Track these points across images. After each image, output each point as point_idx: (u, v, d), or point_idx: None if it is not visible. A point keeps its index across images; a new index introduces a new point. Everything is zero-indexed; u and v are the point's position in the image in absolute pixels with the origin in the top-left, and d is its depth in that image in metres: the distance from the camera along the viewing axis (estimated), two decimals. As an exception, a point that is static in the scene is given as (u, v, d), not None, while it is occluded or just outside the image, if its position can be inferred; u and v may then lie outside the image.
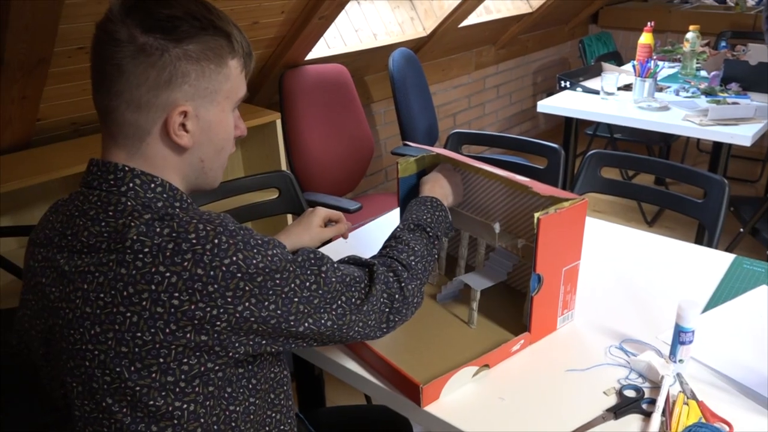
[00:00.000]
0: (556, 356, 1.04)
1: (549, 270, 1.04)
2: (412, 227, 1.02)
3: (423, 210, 1.05)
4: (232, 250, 0.73)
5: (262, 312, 0.76)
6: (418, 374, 0.97)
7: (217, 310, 0.73)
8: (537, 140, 1.99)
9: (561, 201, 1.03)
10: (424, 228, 1.02)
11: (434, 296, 1.21)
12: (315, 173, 2.36)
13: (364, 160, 2.57)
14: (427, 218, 1.04)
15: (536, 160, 1.98)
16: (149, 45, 0.74)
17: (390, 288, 0.90)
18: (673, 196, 1.69)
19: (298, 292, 0.79)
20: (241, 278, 0.73)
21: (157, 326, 0.72)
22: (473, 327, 1.12)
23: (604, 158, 1.81)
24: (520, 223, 1.19)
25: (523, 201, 1.17)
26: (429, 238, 1.01)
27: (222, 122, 0.82)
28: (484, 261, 1.20)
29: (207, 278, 0.72)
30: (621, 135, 3.15)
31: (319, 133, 2.40)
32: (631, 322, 1.12)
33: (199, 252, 0.72)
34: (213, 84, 0.78)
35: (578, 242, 1.08)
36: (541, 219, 0.98)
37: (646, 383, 0.97)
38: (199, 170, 0.83)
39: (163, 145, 0.78)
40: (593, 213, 3.30)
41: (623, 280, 1.27)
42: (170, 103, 0.76)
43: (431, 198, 1.08)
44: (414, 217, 1.04)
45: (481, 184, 1.25)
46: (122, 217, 0.75)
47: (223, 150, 0.84)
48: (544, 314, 1.08)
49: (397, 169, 1.24)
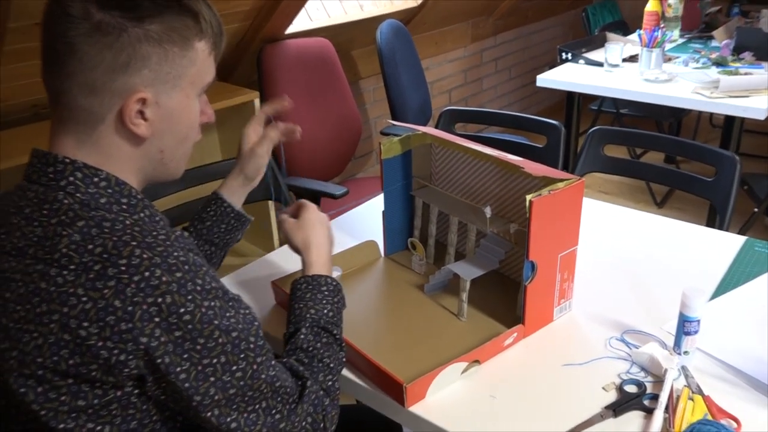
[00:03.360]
0: (552, 350, 1.03)
1: (543, 257, 1.03)
2: (317, 331, 0.92)
3: (321, 300, 0.95)
4: (161, 289, 0.69)
5: (170, 368, 0.70)
6: (403, 372, 0.96)
7: (125, 356, 0.69)
8: (535, 117, 1.97)
9: (555, 181, 1.02)
10: (331, 331, 0.93)
11: (421, 287, 1.21)
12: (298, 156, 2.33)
13: (351, 141, 2.54)
14: (329, 313, 0.94)
15: (537, 139, 1.96)
16: (106, 23, 0.71)
17: (317, 413, 0.83)
18: (682, 175, 1.68)
19: (218, 373, 0.73)
20: (158, 324, 0.69)
21: (61, 354, 0.68)
22: (463, 320, 1.11)
23: (607, 135, 1.79)
24: (512, 207, 1.17)
25: (515, 183, 1.16)
26: (336, 342, 0.93)
27: (186, 110, 0.79)
28: (474, 248, 1.19)
29: (122, 313, 0.68)
30: (628, 110, 3.12)
31: (302, 113, 2.37)
32: (634, 311, 1.11)
33: (123, 281, 0.68)
34: (176, 68, 0.76)
35: (575, 226, 1.07)
36: (534, 201, 0.97)
37: (648, 377, 0.96)
38: (158, 162, 0.81)
39: (117, 134, 0.76)
40: (599, 194, 3.28)
41: (626, 266, 1.26)
42: (127, 89, 0.74)
43: (326, 279, 0.97)
44: (314, 315, 0.93)
45: (471, 165, 1.24)
46: (56, 216, 0.72)
47: (187, 139, 0.82)
48: (539, 305, 1.07)
49: (380, 150, 1.22)
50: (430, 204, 1.27)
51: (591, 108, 3.27)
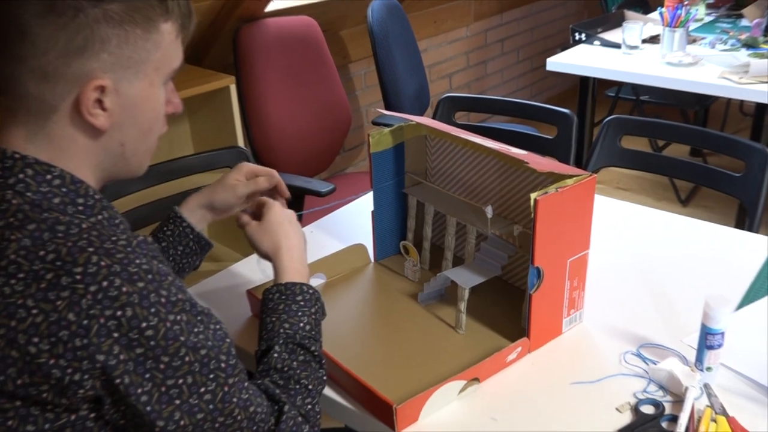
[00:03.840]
0: (561, 366, 1.04)
1: (551, 262, 1.03)
2: (293, 348, 0.91)
3: (296, 312, 0.93)
4: (121, 301, 0.69)
5: (130, 389, 0.70)
6: (394, 392, 0.96)
7: (80, 375, 0.68)
8: (545, 105, 1.98)
9: (563, 178, 1.02)
10: (308, 348, 0.91)
11: (415, 296, 1.21)
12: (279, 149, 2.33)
13: (339, 132, 2.55)
14: (306, 327, 0.93)
15: (547, 130, 1.97)
16: (60, 2, 0.71)
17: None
18: (708, 170, 1.69)
19: (184, 395, 0.73)
20: (117, 340, 0.69)
21: (8, 374, 0.68)
22: (461, 332, 1.11)
23: (624, 125, 1.80)
24: (516, 206, 1.18)
25: (520, 179, 1.16)
26: (315, 359, 0.92)
27: (150, 98, 0.80)
28: (474, 253, 1.19)
29: (77, 328, 0.67)
30: (648, 97, 3.13)
31: (284, 101, 2.37)
32: (652, 323, 1.12)
33: (79, 292, 0.68)
34: (139, 52, 0.76)
35: (586, 227, 1.07)
36: (539, 200, 0.97)
37: (667, 397, 0.97)
38: (118, 156, 0.81)
39: (72, 125, 0.76)
40: (616, 191, 3.30)
41: (643, 272, 1.27)
42: (84, 75, 0.74)
43: (301, 287, 0.96)
44: (289, 329, 0.92)
45: (471, 159, 1.24)
46: (3, 219, 0.72)
47: (151, 131, 0.82)
48: (546, 315, 1.07)
49: (368, 142, 1.22)
50: (425, 203, 1.27)
51: (607, 95, 3.27)
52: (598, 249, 1.19)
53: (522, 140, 1.97)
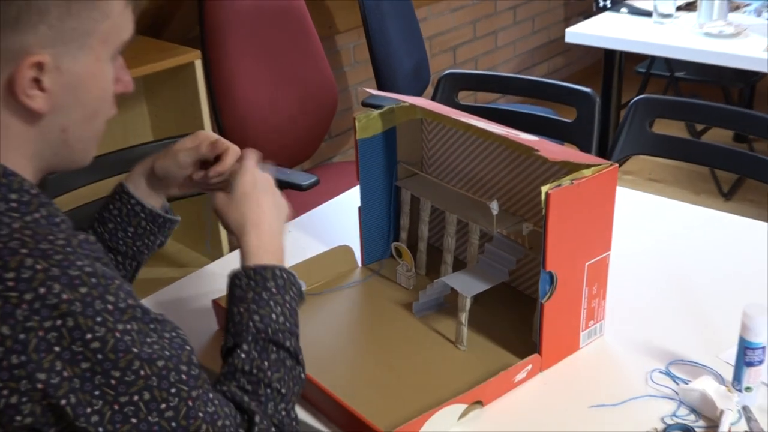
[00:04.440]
0: (578, 387, 1.04)
1: (566, 266, 1.03)
2: (264, 345, 0.89)
3: (267, 302, 0.91)
4: (61, 309, 0.69)
5: (77, 411, 0.70)
6: (384, 419, 0.95)
7: (17, 398, 0.68)
8: (563, 83, 1.98)
9: (580, 168, 1.02)
10: (282, 344, 0.89)
11: (409, 306, 1.21)
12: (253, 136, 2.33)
13: (324, 115, 2.54)
14: (279, 319, 0.91)
15: (566, 112, 1.97)
16: None
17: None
18: (754, 159, 1.69)
19: (141, 413, 0.73)
20: (59, 355, 0.69)
21: None
22: (462, 348, 1.11)
23: (656, 106, 1.81)
24: (526, 201, 1.18)
25: (529, 170, 1.16)
26: (291, 356, 0.90)
27: (96, 76, 0.80)
28: (477, 255, 1.19)
29: (12, 343, 0.67)
30: (685, 73, 3.14)
31: (259, 79, 2.36)
32: (683, 336, 1.12)
33: (12, 302, 0.68)
34: (84, 23, 0.76)
35: (607, 226, 1.07)
36: (551, 194, 0.97)
37: (699, 421, 0.96)
38: (60, 144, 0.81)
39: (6, 109, 0.76)
40: (648, 183, 3.30)
41: (675, 277, 1.27)
42: (18, 51, 0.74)
43: (273, 271, 0.93)
44: (259, 323, 0.90)
45: (473, 147, 1.24)
46: None
47: (97, 114, 0.83)
48: (561, 328, 1.07)
49: (354, 127, 1.22)
50: (421, 198, 1.27)
51: (637, 71, 3.27)
52: (622, 250, 1.18)
53: (537, 124, 1.97)
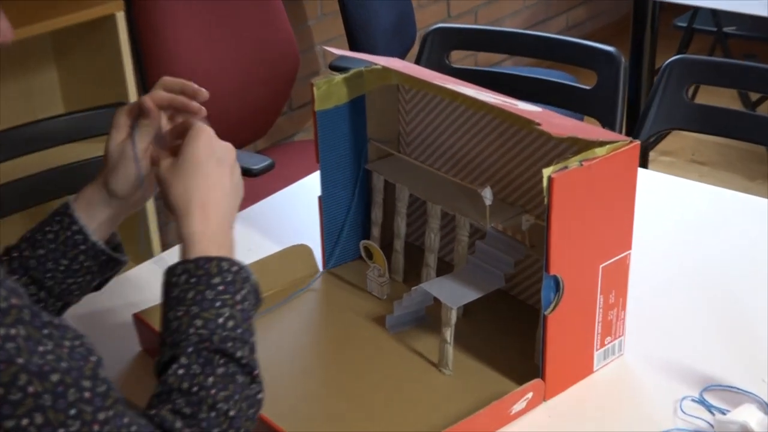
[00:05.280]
0: (591, 419, 1.03)
1: (575, 268, 1.03)
2: (208, 357, 0.87)
3: (212, 302, 0.89)
4: None
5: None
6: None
7: None
8: (581, 41, 1.97)
9: (592, 146, 1.01)
10: (232, 354, 0.87)
11: (382, 320, 1.20)
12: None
13: (282, 82, 2.55)
14: (227, 323, 0.89)
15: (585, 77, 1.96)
16: None
17: None
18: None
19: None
20: None
21: None
22: (447, 372, 1.11)
23: (694, 69, 1.81)
24: (527, 189, 1.18)
25: (530, 149, 1.16)
26: (243, 371, 0.88)
27: None
28: (467, 255, 1.18)
29: None
30: (735, 29, 3.15)
31: (200, 37, 2.35)
32: (721, 355, 1.12)
33: None
34: None
35: (626, 218, 1.07)
36: (555, 179, 0.96)
37: (740, 460, 0.96)
38: None
39: None
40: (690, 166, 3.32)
41: (712, 284, 1.27)
42: None
43: (219, 263, 0.91)
44: (201, 329, 0.88)
45: (461, 121, 1.23)
46: None
47: None
48: (570, 347, 1.07)
49: (313, 96, 1.21)
50: (397, 184, 1.26)
51: (676, 25, 3.27)
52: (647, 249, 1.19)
53: (549, 92, 1.97)
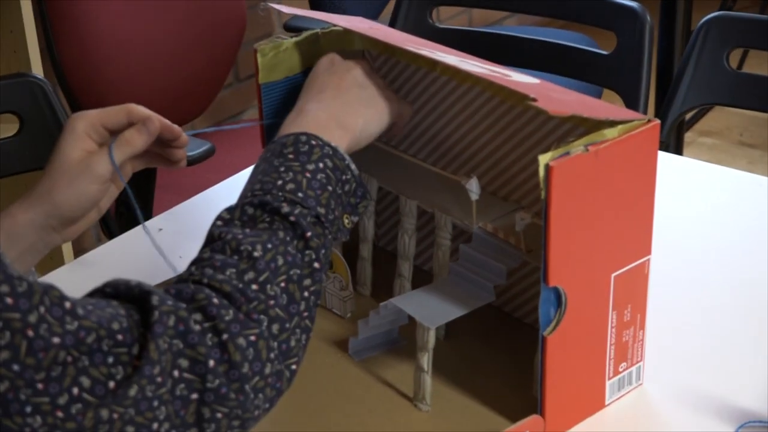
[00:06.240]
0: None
1: (580, 278, 1.03)
2: (253, 212, 0.99)
3: (277, 167, 1.02)
4: None
5: None
6: None
7: None
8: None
9: (600, 126, 1.01)
10: (278, 209, 0.97)
11: (344, 343, 1.22)
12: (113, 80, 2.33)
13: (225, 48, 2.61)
14: (285, 185, 1.00)
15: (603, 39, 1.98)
16: None
17: (191, 345, 0.85)
18: None
19: None
20: None
21: None
22: (425, 408, 1.12)
23: (738, 30, 1.84)
24: (522, 180, 1.19)
25: (526, 131, 1.17)
26: (292, 228, 0.96)
27: None
28: (449, 263, 1.20)
29: None
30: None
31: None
32: (759, 385, 1.15)
33: None
34: None
35: (645, 216, 1.07)
36: (554, 168, 0.96)
37: None
38: None
39: None
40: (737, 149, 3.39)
41: (754, 303, 1.30)
42: None
43: (296, 137, 1.05)
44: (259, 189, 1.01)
45: (442, 97, 1.24)
46: None
47: None
48: (575, 375, 1.08)
49: (256, 64, 1.22)
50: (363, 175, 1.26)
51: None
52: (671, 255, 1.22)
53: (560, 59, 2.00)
